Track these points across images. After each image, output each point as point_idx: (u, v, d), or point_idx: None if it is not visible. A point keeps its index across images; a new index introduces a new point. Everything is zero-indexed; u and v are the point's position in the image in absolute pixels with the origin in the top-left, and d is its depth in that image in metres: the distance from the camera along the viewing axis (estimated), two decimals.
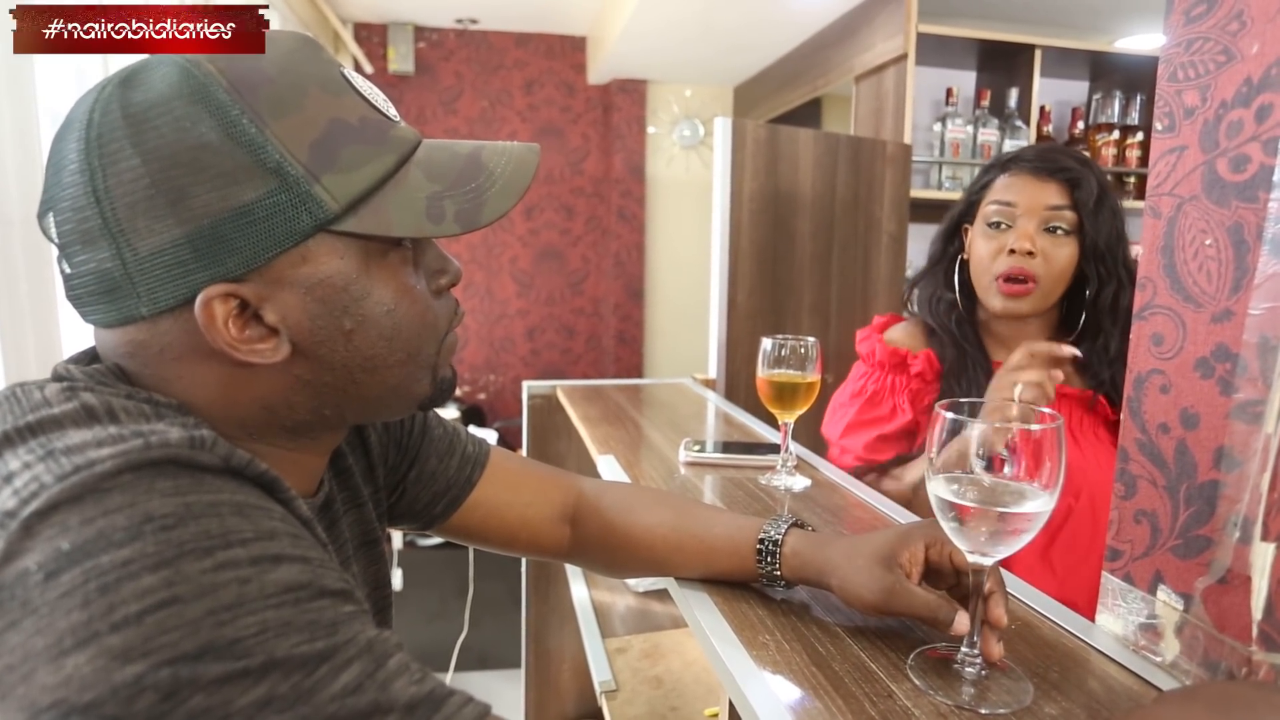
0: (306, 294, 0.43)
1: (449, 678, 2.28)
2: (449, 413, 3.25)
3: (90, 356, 0.47)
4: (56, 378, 0.43)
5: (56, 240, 0.43)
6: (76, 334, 1.32)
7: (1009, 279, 0.98)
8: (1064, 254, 0.98)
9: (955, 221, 1.10)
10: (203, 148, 0.40)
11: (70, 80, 1.55)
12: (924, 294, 1.13)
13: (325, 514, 0.56)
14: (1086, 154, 1.07)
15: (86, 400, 0.39)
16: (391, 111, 0.48)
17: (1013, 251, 0.98)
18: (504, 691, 2.34)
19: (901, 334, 1.13)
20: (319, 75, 0.44)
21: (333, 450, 0.55)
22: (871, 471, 1.04)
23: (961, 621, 0.52)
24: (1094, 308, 1.00)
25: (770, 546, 0.63)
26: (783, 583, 0.63)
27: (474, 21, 3.58)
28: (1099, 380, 1.01)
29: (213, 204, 0.40)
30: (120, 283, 0.41)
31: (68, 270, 0.43)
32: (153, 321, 0.42)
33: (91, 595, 0.31)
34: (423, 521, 0.70)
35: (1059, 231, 0.98)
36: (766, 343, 0.93)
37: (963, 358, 1.04)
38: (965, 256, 1.08)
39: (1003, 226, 1.00)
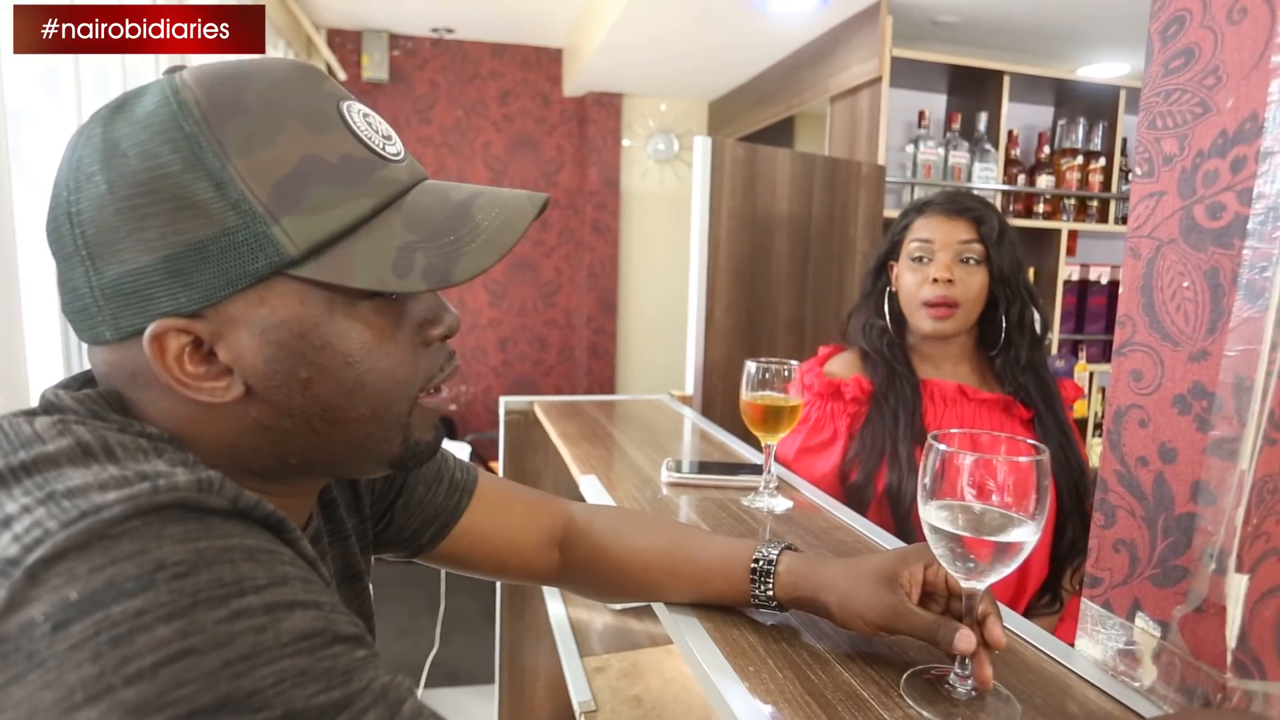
0: (261, 336, 0.42)
1: (419, 694, 2.25)
2: None
3: (82, 381, 0.46)
4: (45, 408, 0.42)
5: (53, 254, 0.43)
6: (42, 347, 1.29)
7: (933, 304, 1.15)
8: (976, 280, 1.16)
9: (881, 259, 1.27)
10: (164, 178, 0.39)
11: (35, 79, 1.51)
12: (858, 323, 1.29)
13: (314, 548, 0.55)
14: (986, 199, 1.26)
15: (81, 436, 0.38)
16: (391, 149, 0.45)
17: (935, 280, 1.15)
18: (476, 708, 2.31)
19: (838, 365, 1.28)
20: (304, 109, 0.42)
21: (315, 494, 0.54)
22: None
23: (964, 639, 0.53)
24: (999, 324, 1.18)
25: (764, 567, 0.64)
26: (775, 604, 0.64)
27: (450, 30, 3.58)
28: (1015, 385, 1.18)
29: (169, 235, 0.39)
30: (89, 304, 0.41)
31: (61, 286, 0.43)
32: (121, 345, 0.42)
33: (103, 647, 0.30)
34: (410, 550, 0.70)
35: (970, 261, 1.16)
36: (750, 366, 0.94)
37: (893, 376, 1.18)
38: (894, 289, 1.24)
39: (924, 260, 1.18)
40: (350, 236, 0.42)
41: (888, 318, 1.23)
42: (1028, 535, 0.51)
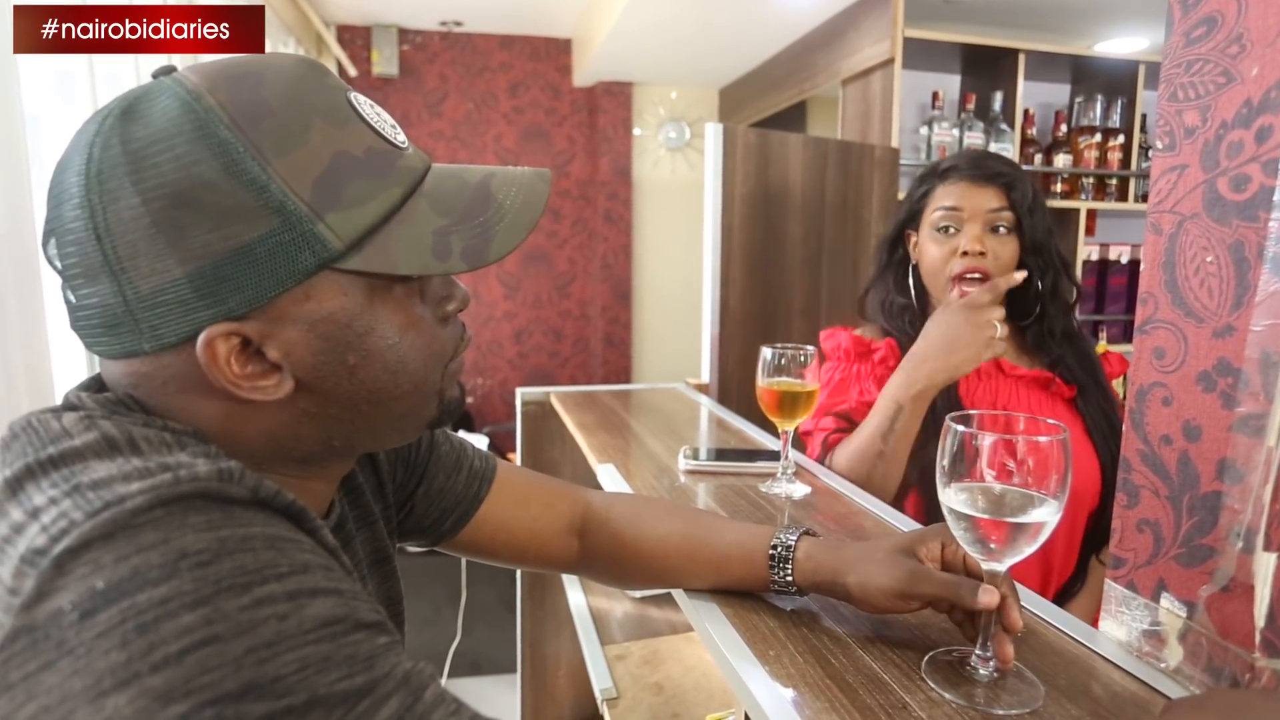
0: (309, 330, 0.43)
1: (442, 683, 2.27)
2: None
3: (99, 384, 0.46)
4: (69, 406, 0.43)
5: (60, 269, 0.42)
6: (66, 349, 1.30)
7: (965, 278, 1.06)
8: (1008, 250, 1.07)
9: (899, 228, 1.17)
10: (204, 186, 0.39)
11: (50, 84, 1.52)
12: (875, 299, 1.19)
13: (338, 535, 0.56)
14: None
15: (106, 430, 0.39)
16: (400, 138, 0.47)
17: (965, 253, 1.06)
18: (498, 697, 2.33)
19: (864, 332, 1.19)
20: (324, 105, 0.43)
21: (341, 478, 0.55)
22: (831, 451, 1.07)
23: (987, 593, 0.53)
24: (1038, 296, 1.09)
25: (783, 553, 0.64)
26: (795, 589, 0.64)
27: (458, 24, 3.57)
28: (1052, 359, 1.10)
29: (214, 244, 0.40)
30: (123, 318, 0.41)
31: (73, 300, 0.43)
32: (156, 356, 0.42)
33: (130, 635, 0.30)
34: (431, 537, 0.70)
35: (1001, 230, 1.07)
36: (766, 352, 0.94)
37: None
38: (914, 261, 1.15)
39: (951, 231, 1.09)
40: (386, 226, 0.44)
41: (912, 293, 1.15)
42: (1049, 515, 0.50)
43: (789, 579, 0.63)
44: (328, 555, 0.39)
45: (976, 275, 1.06)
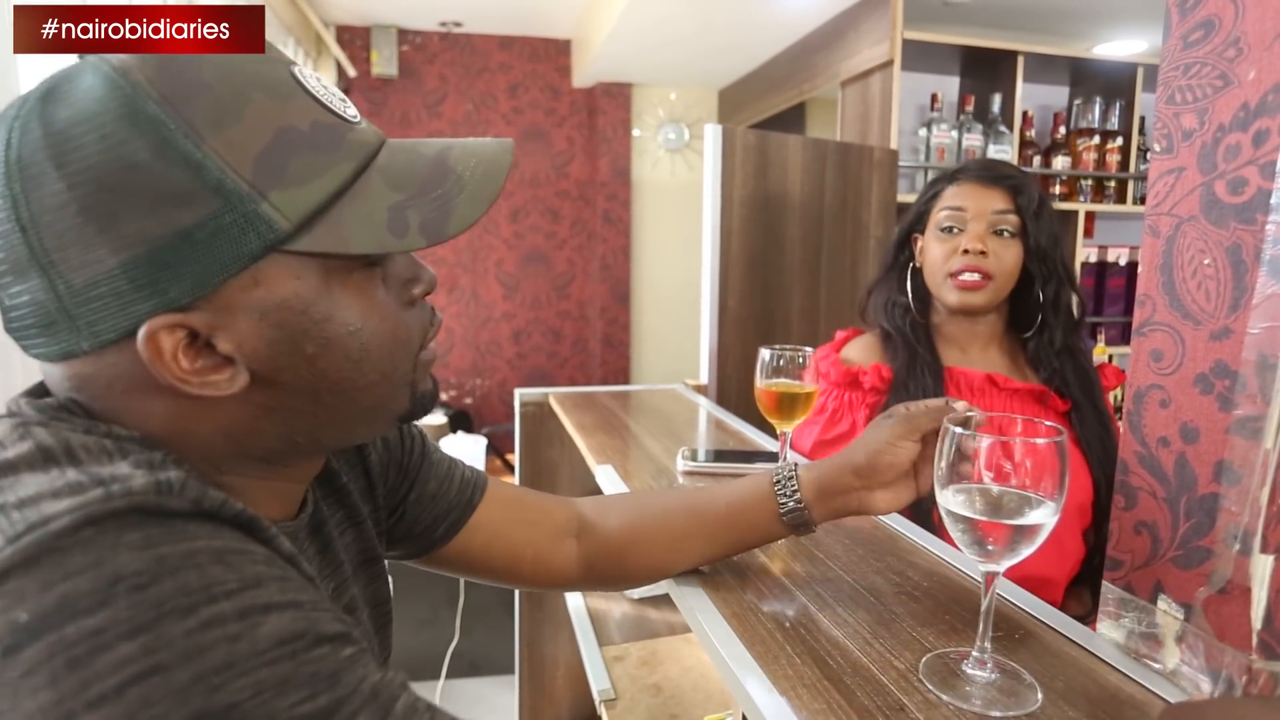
0: (262, 319, 0.40)
1: (440, 684, 2.27)
2: (436, 418, 3.24)
3: (43, 390, 0.43)
4: (7, 413, 0.40)
5: None
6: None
7: (963, 274, 1.07)
8: (1011, 253, 1.07)
9: (906, 231, 1.18)
10: (134, 169, 0.36)
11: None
12: (879, 300, 1.20)
13: (316, 536, 0.54)
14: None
15: (42, 440, 0.36)
16: (350, 112, 0.44)
17: (966, 251, 1.06)
18: (496, 698, 2.33)
19: (856, 351, 1.19)
20: (264, 78, 0.40)
21: (310, 478, 0.52)
22: None
23: (961, 403, 0.58)
24: (1039, 305, 1.09)
25: (788, 475, 0.65)
26: (805, 510, 0.65)
27: (458, 24, 3.57)
28: (1050, 371, 1.09)
29: (149, 230, 0.37)
30: (57, 316, 0.38)
31: (6, 302, 0.39)
32: (97, 355, 0.39)
33: (59, 671, 0.28)
34: (422, 545, 0.68)
35: (1005, 234, 1.07)
36: (765, 353, 0.94)
37: (914, 361, 1.10)
38: (917, 264, 1.16)
39: (955, 230, 1.09)
40: (337, 204, 0.41)
41: (910, 295, 1.15)
42: (1047, 517, 0.50)
43: (799, 502, 0.64)
44: (284, 564, 0.36)
45: (975, 274, 1.06)
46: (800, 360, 0.93)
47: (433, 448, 0.70)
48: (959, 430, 0.52)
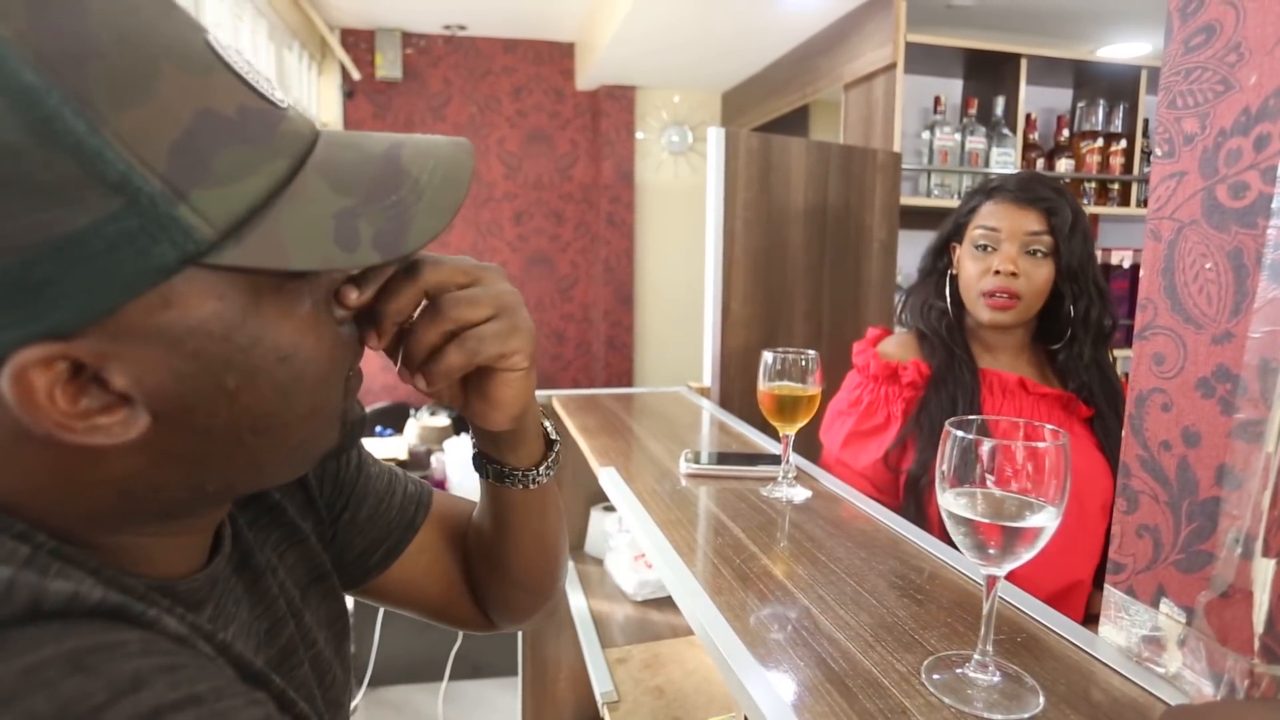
0: (172, 349, 0.32)
1: (444, 686, 2.27)
2: (439, 420, 3.24)
3: None
4: None
5: None
6: None
7: (994, 295, 1.11)
8: (1042, 273, 1.10)
9: (944, 240, 1.22)
10: (1, 154, 0.28)
11: None
12: (916, 302, 1.24)
13: (244, 573, 0.48)
14: (1064, 183, 1.22)
15: None
16: (276, 94, 0.36)
17: (998, 272, 1.10)
18: (499, 700, 2.33)
19: (893, 346, 1.22)
20: (176, 46, 0.32)
21: (219, 521, 0.45)
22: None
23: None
24: (1069, 320, 1.12)
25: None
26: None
27: (462, 28, 3.59)
28: (1079, 383, 1.13)
29: (20, 235, 0.28)
30: None
31: None
32: None
33: None
34: (356, 573, 0.60)
35: (1038, 254, 1.10)
36: (767, 356, 0.94)
37: (951, 360, 1.13)
38: (954, 272, 1.20)
39: (988, 249, 1.12)
40: (270, 207, 0.33)
41: (948, 300, 1.19)
42: (1048, 520, 0.51)
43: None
44: (172, 648, 0.30)
45: (1005, 294, 1.10)
46: (803, 363, 0.93)
47: (370, 459, 0.62)
48: (961, 434, 0.52)
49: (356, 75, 3.53)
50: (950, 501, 0.53)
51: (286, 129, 0.36)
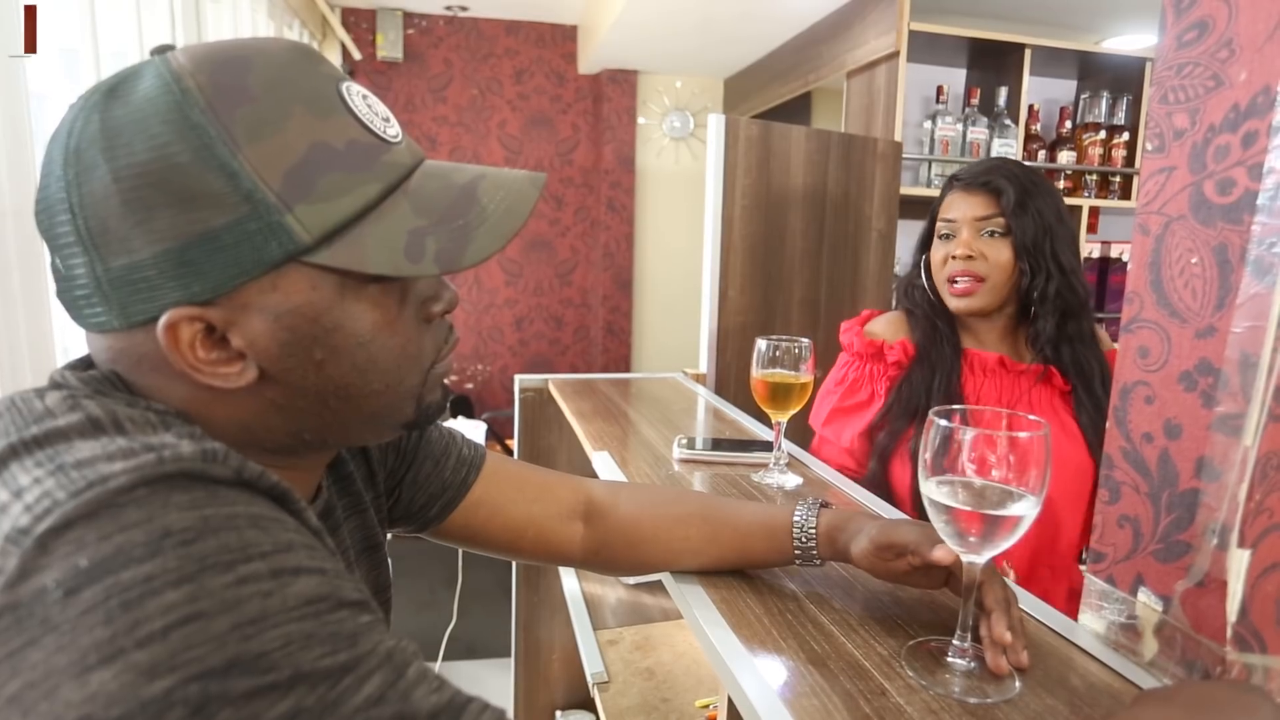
0: (275, 322, 0.43)
1: (438, 666, 2.29)
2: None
3: (86, 362, 0.46)
4: (54, 385, 0.43)
5: (46, 238, 0.43)
6: (71, 328, 1.31)
7: (955, 281, 1.14)
8: (1002, 253, 1.13)
9: (925, 239, 1.25)
10: (173, 169, 0.39)
11: (56, 61, 1.53)
12: (902, 284, 1.27)
13: (326, 521, 0.57)
14: (1025, 164, 1.22)
15: (91, 410, 0.39)
16: (390, 131, 0.46)
17: (955, 258, 1.13)
18: (492, 680, 2.36)
19: (881, 326, 1.24)
20: (308, 93, 0.43)
21: (324, 466, 0.55)
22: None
23: (942, 550, 0.57)
24: (1030, 295, 1.14)
25: (808, 525, 0.67)
26: (817, 559, 0.67)
27: (463, 8, 3.56)
28: (1044, 359, 1.14)
29: (180, 227, 0.39)
30: (95, 293, 0.41)
31: (60, 269, 0.43)
32: (128, 333, 0.42)
33: (114, 611, 0.31)
34: (418, 524, 0.71)
35: (994, 235, 1.13)
36: (761, 343, 0.95)
37: (935, 333, 1.16)
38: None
39: (949, 238, 1.16)
40: (360, 222, 0.43)
41: (925, 283, 1.22)
42: (1028, 509, 0.51)
43: (812, 547, 0.67)
44: (312, 535, 0.39)
45: (967, 278, 1.13)
46: (796, 351, 0.94)
47: (432, 430, 0.71)
48: (944, 422, 0.53)
49: (357, 55, 3.50)
50: (932, 489, 0.54)
51: (388, 160, 0.45)
